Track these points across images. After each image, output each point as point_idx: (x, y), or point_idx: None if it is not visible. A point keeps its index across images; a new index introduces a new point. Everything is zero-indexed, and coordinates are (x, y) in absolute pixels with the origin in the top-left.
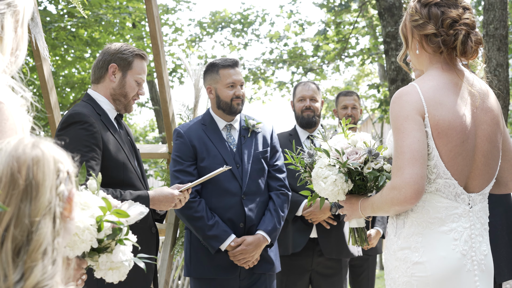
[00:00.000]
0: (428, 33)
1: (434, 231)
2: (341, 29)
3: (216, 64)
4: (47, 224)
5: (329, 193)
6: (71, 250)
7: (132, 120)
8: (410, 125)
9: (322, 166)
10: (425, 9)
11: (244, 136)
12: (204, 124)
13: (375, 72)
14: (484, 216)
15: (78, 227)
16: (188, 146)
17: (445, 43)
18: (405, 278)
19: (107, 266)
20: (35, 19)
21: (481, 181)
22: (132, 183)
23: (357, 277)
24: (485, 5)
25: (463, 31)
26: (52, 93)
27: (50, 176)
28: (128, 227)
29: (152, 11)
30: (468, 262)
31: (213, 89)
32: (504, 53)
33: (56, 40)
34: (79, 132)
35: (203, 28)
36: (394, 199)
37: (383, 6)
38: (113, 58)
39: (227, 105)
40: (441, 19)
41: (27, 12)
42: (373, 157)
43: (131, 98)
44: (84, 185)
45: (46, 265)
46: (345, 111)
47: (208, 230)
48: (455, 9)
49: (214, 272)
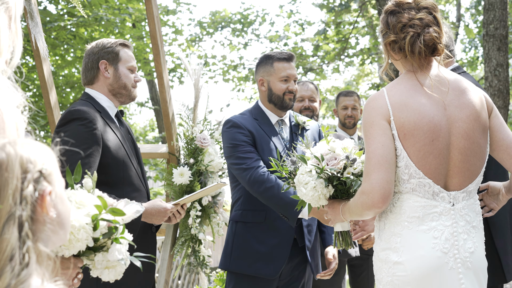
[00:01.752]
0: (390, 41)
1: (413, 231)
2: (341, 29)
3: (271, 56)
4: (11, 230)
5: (309, 198)
6: (66, 249)
7: (132, 120)
8: (375, 130)
9: (303, 172)
10: (384, 19)
11: (295, 133)
12: (256, 118)
13: (375, 72)
14: (470, 213)
15: (73, 226)
16: (245, 132)
17: (401, 47)
18: (388, 278)
19: (103, 265)
20: (35, 19)
21: (462, 179)
22: (131, 181)
23: (356, 277)
24: (485, 5)
25: (411, 33)
26: (52, 92)
27: (13, 181)
28: (124, 225)
29: (152, 11)
30: (451, 260)
31: (265, 81)
32: (504, 53)
33: (56, 40)
34: (78, 129)
35: (203, 28)
36: (364, 203)
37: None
38: (100, 55)
39: (279, 99)
40: (394, 25)
41: (19, 7)
42: (351, 162)
43: (131, 87)
44: (80, 184)
45: (15, 269)
46: (345, 111)
47: (286, 197)
48: (408, 13)
49: (254, 269)
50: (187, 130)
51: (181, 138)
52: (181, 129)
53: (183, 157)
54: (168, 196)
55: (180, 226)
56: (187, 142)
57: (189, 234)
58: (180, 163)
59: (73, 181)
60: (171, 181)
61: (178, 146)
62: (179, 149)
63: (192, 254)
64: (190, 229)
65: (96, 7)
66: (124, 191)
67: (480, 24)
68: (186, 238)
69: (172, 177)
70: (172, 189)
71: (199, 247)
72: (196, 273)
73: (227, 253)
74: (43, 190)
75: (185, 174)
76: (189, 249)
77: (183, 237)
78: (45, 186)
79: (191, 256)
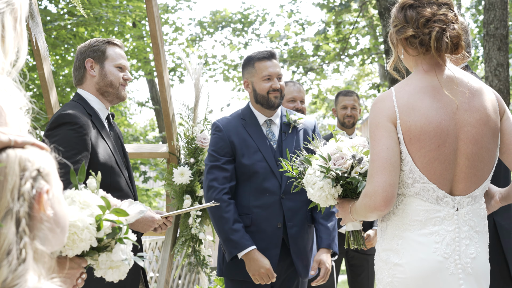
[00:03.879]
0: (408, 35)
1: (415, 234)
2: (341, 29)
3: (252, 57)
4: (9, 224)
5: (317, 198)
6: (70, 249)
7: (132, 120)
8: (380, 132)
9: (311, 172)
10: (401, 13)
11: (285, 132)
12: (243, 118)
13: (375, 72)
14: (475, 218)
15: (77, 226)
16: (226, 141)
17: (422, 42)
18: (388, 278)
19: (107, 265)
20: (36, 19)
21: (468, 184)
22: (119, 187)
23: (357, 276)
24: (485, 4)
25: (437, 28)
26: (53, 92)
27: (12, 178)
28: (127, 226)
29: (153, 11)
30: (452, 266)
31: (250, 83)
32: (504, 52)
33: (57, 40)
34: (68, 133)
35: (204, 27)
36: (367, 205)
37: (384, 6)
38: (86, 54)
39: (264, 99)
40: (416, 19)
41: (24, 9)
42: (357, 162)
43: (118, 85)
44: (84, 184)
45: (12, 264)
46: (345, 111)
47: (231, 233)
48: (430, 7)
49: (246, 274)
50: (187, 129)
51: (182, 138)
52: (181, 129)
53: (183, 156)
54: (168, 196)
55: (180, 226)
56: (187, 141)
57: (190, 233)
58: (180, 162)
59: (77, 181)
60: (171, 181)
61: (178, 146)
62: (180, 149)
63: (192, 254)
64: (190, 229)
65: (96, 6)
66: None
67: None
68: (187, 238)
69: (172, 177)
70: (172, 189)
71: (199, 246)
72: (196, 272)
73: (220, 260)
74: (41, 188)
75: (186, 174)
76: (189, 249)
77: (183, 237)
78: (43, 184)
79: (192, 255)
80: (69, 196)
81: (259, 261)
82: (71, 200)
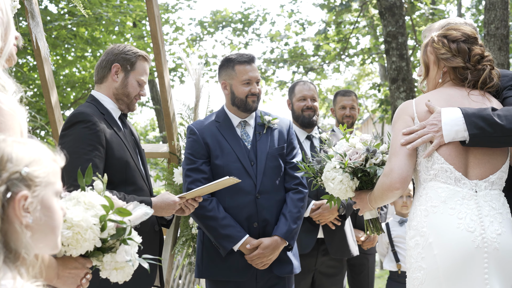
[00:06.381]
0: (457, 66)
1: (438, 214)
2: (342, 29)
3: (232, 60)
4: None
5: (337, 191)
6: (74, 249)
7: (133, 120)
8: (399, 124)
9: (329, 169)
10: (453, 44)
11: (259, 133)
12: (217, 121)
13: (376, 72)
14: (495, 201)
15: (81, 226)
16: (200, 143)
17: (473, 75)
18: (417, 263)
19: (111, 266)
20: (36, 19)
21: (482, 169)
22: (134, 181)
23: (356, 276)
24: (486, 4)
25: (489, 67)
26: (53, 92)
27: None
28: (131, 227)
29: (153, 10)
30: (478, 239)
31: (228, 85)
32: (505, 52)
33: (57, 39)
34: (82, 131)
35: (204, 27)
36: (384, 184)
37: (384, 6)
38: (116, 58)
39: (242, 102)
40: (468, 54)
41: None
42: (372, 154)
43: (133, 98)
44: (91, 186)
45: None
46: (344, 111)
47: (221, 229)
48: (477, 46)
49: (227, 274)
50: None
51: (182, 138)
52: (182, 129)
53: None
54: None
55: (181, 226)
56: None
57: (190, 233)
58: (181, 162)
59: (84, 184)
60: (172, 180)
61: (179, 146)
62: (180, 149)
63: (193, 254)
64: (191, 229)
65: (97, 6)
66: (127, 191)
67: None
68: (187, 238)
69: (173, 176)
70: (173, 188)
71: None
72: None
73: (198, 261)
74: (16, 193)
75: None
76: (190, 249)
77: (184, 237)
78: (19, 189)
79: (192, 255)
80: (75, 197)
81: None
82: (76, 201)
